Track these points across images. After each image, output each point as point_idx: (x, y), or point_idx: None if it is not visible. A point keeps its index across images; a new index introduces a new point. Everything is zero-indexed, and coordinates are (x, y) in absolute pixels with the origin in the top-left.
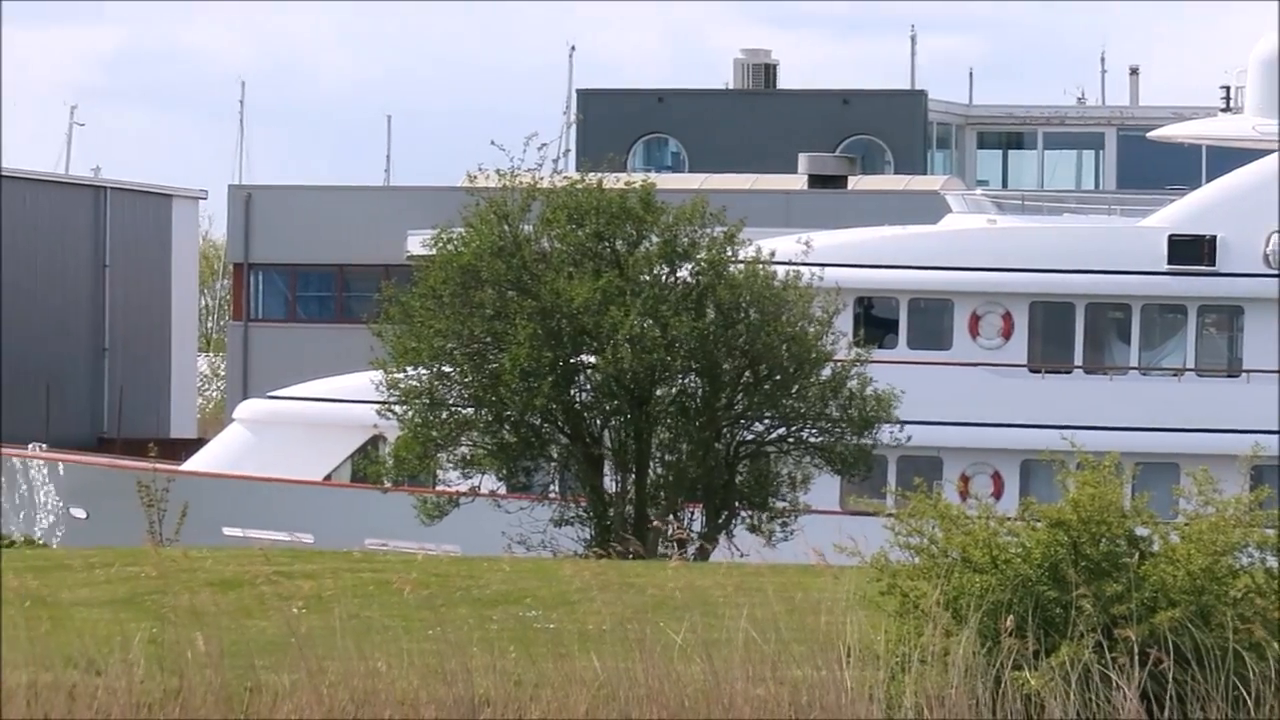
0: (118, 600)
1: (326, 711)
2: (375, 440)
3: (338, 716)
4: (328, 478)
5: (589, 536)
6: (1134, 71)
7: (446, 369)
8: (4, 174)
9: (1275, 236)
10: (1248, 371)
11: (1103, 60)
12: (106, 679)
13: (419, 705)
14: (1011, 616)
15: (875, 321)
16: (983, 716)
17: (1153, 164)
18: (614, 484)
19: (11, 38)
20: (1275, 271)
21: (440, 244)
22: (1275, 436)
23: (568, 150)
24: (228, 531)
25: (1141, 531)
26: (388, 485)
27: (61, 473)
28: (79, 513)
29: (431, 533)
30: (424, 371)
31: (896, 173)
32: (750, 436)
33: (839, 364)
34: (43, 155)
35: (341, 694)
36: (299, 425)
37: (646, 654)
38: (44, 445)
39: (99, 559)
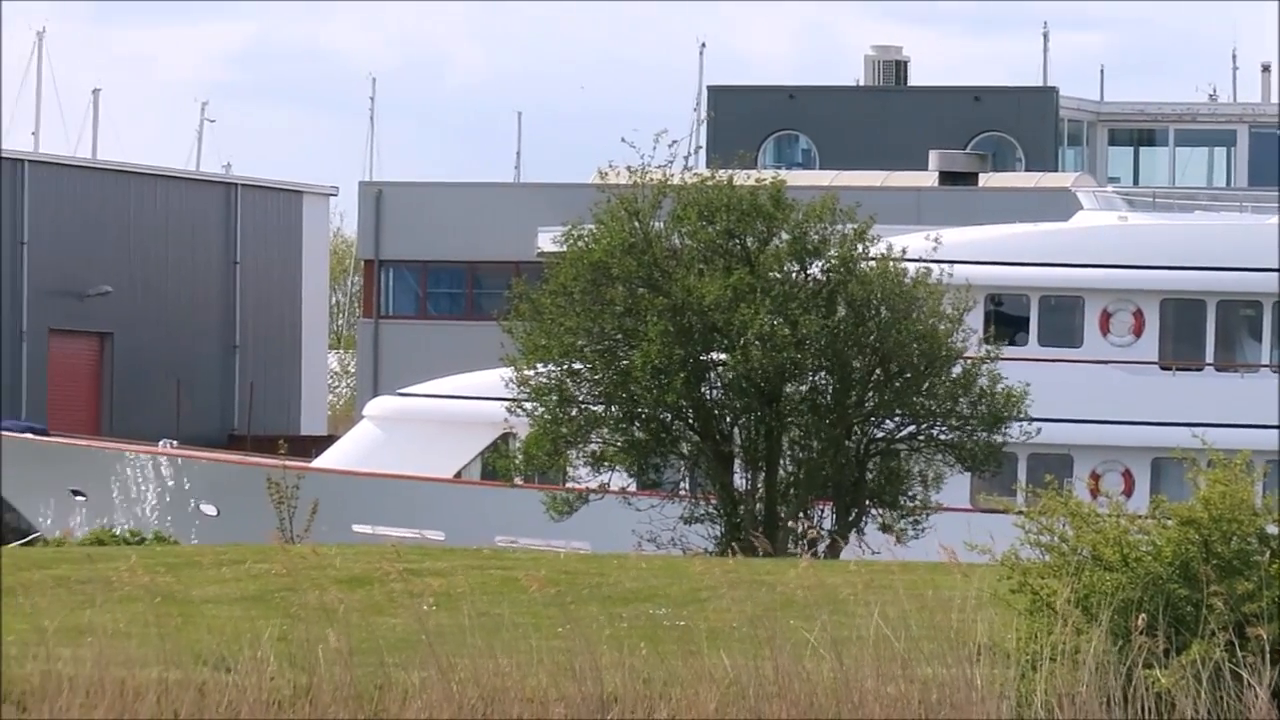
0: (247, 597)
1: (456, 709)
2: (505, 437)
3: (467, 714)
4: (458, 475)
5: (719, 534)
6: (1266, 69)
7: (577, 366)
8: (136, 171)
9: None
10: None
11: (1234, 58)
12: (236, 676)
13: (548, 703)
14: (1142, 615)
15: (1005, 319)
16: (1113, 715)
17: None
18: (744, 481)
19: (142, 35)
20: None
21: (571, 241)
22: None
23: (698, 147)
24: (357, 529)
25: (1273, 530)
26: (518, 482)
27: (193, 469)
28: (209, 509)
29: (561, 530)
30: (554, 368)
31: (1027, 170)
32: (880, 434)
33: (969, 361)
34: (174, 152)
35: (471, 691)
36: (429, 422)
37: (776, 652)
38: (175, 442)
39: (229, 556)
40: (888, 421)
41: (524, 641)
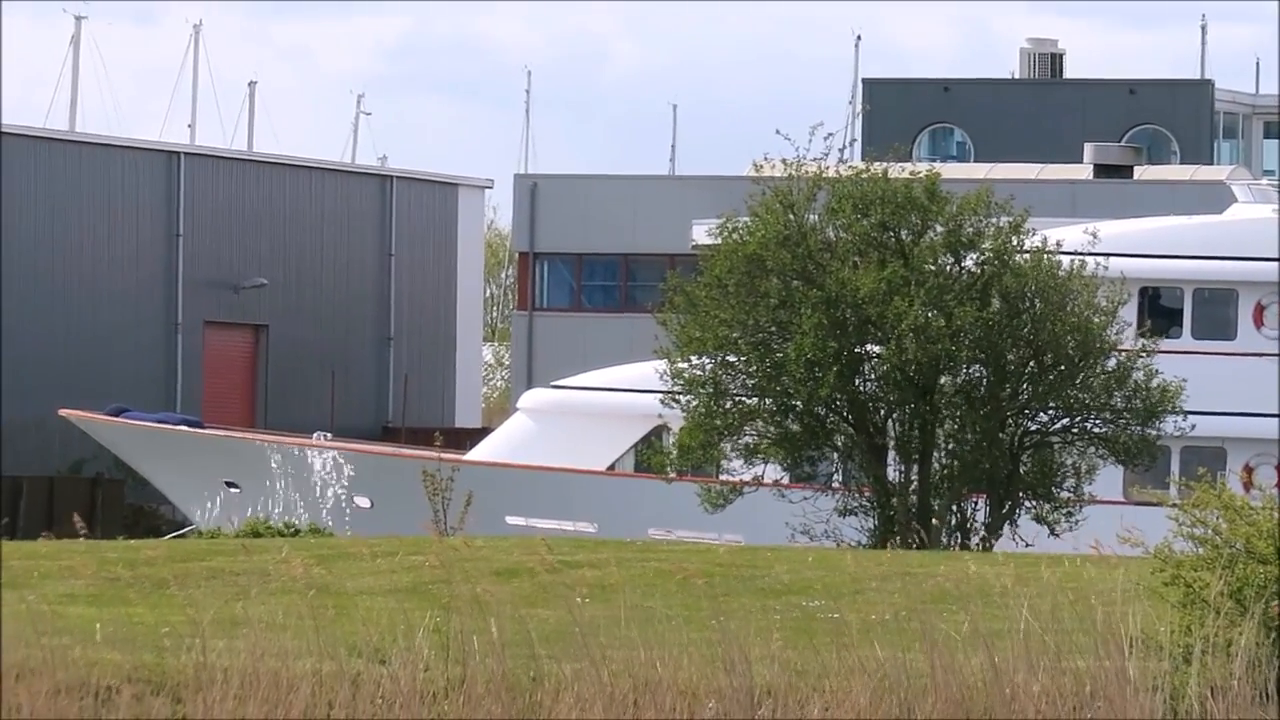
0: (401, 589)
1: (608, 701)
2: (659, 430)
3: (619, 706)
4: (611, 467)
5: (873, 527)
6: None
7: (731, 358)
8: (292, 163)
9: None
10: None
11: None
12: (390, 668)
13: (699, 696)
14: None
15: (1160, 311)
16: (1267, 709)
17: None
18: (898, 474)
19: (299, 28)
20: None
21: (725, 233)
22: None
23: (854, 140)
24: (511, 520)
25: None
26: (672, 475)
27: (347, 462)
28: (364, 502)
29: (714, 522)
30: (708, 361)
31: (1182, 162)
32: (1034, 427)
33: (1124, 354)
34: (330, 145)
35: (623, 683)
36: (583, 415)
37: (928, 645)
38: (329, 435)
39: (383, 548)
40: (1042, 414)
41: (676, 634)
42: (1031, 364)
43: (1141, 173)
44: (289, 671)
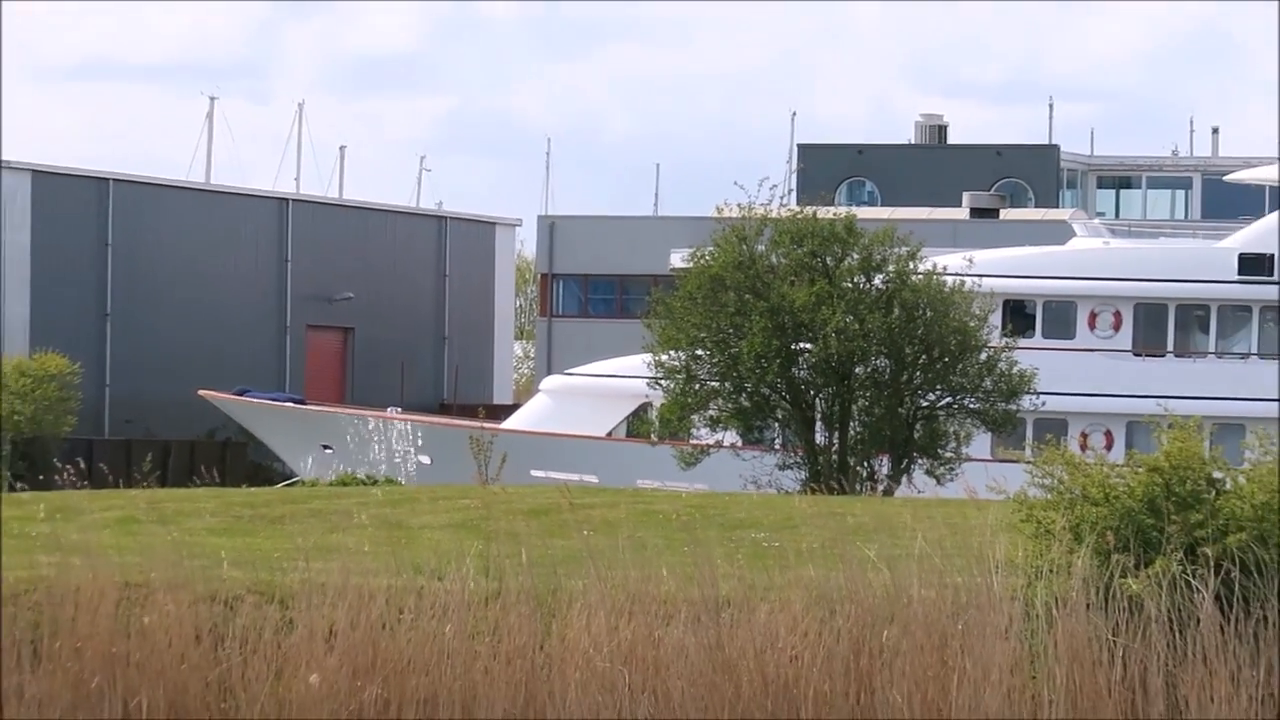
0: (454, 524)
1: (609, 609)
2: (644, 406)
3: (617, 611)
4: (609, 434)
5: (804, 478)
6: (1215, 130)
7: (699, 353)
8: (371, 207)
9: None
10: None
11: (1191, 122)
12: (446, 583)
13: (678, 603)
14: (1118, 538)
15: (1019, 317)
16: (1096, 615)
17: (1228, 200)
18: (823, 439)
19: (376, 104)
20: None
21: (695, 259)
22: None
23: (791, 190)
24: (535, 473)
25: (1217, 475)
26: (655, 440)
27: (412, 430)
28: (425, 459)
29: (687, 475)
30: (682, 354)
31: (1036, 206)
32: (925, 404)
33: (992, 350)
34: (399, 192)
35: (620, 594)
36: (588, 394)
37: (847, 567)
38: (399, 409)
39: (440, 494)
40: (930, 394)
41: (659, 558)
42: (923, 357)
43: (1005, 214)
44: (369, 585)
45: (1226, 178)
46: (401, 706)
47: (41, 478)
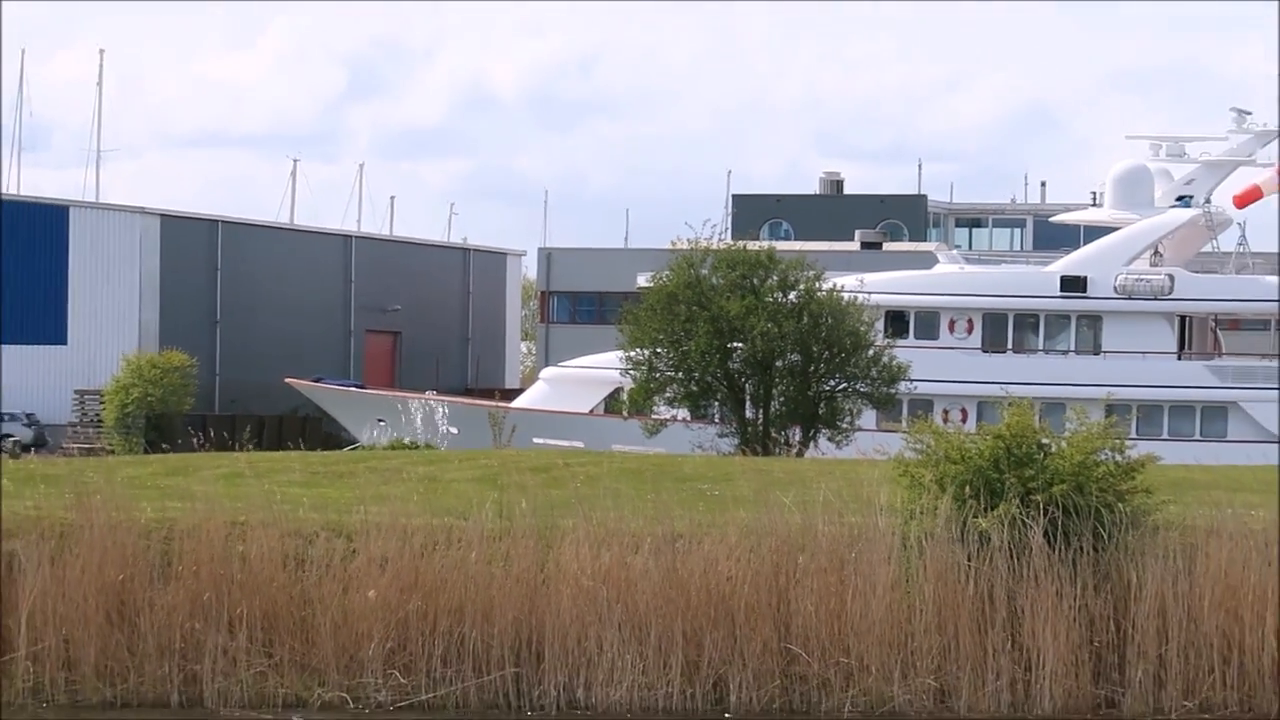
0: (476, 478)
1: (592, 541)
2: (618, 390)
3: (596, 542)
4: (592, 411)
5: (737, 443)
6: (1043, 184)
7: (658, 350)
8: (415, 241)
9: (1119, 277)
10: (1105, 352)
11: (1025, 177)
12: (469, 523)
13: (643, 536)
14: (971, 488)
15: (897, 324)
16: (955, 545)
17: (1052, 236)
18: (751, 414)
19: (417, 166)
20: (1120, 296)
21: (655, 280)
22: (1122, 389)
23: (727, 228)
24: (536, 440)
25: (1044, 441)
26: (625, 415)
27: (445, 408)
28: (454, 430)
29: (650, 442)
30: (645, 351)
31: (909, 241)
32: (827, 388)
33: (877, 348)
34: (435, 230)
35: (600, 530)
36: (575, 381)
37: (769, 509)
38: (435, 391)
39: (465, 456)
40: (831, 381)
41: (630, 503)
42: (826, 353)
43: (887, 247)
44: (411, 524)
45: (1051, 219)
46: (436, 615)
47: (166, 446)
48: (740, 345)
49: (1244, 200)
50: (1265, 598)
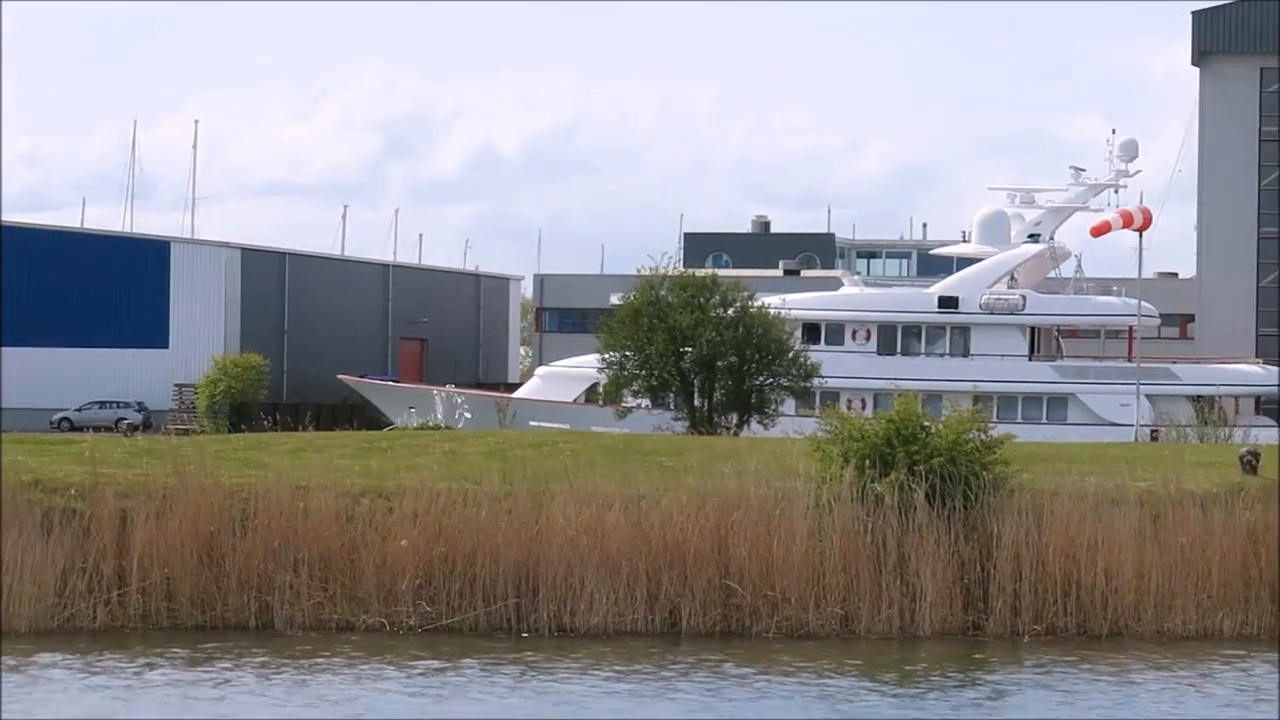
0: (486, 452)
1: (575, 502)
2: (595, 384)
3: (580, 503)
4: (575, 400)
5: (688, 425)
6: (925, 225)
7: (626, 353)
8: (439, 269)
9: (983, 297)
10: (973, 355)
11: (910, 220)
12: (481, 487)
13: (614, 497)
14: (869, 460)
15: (812, 333)
16: (856, 505)
17: (932, 265)
18: (699, 403)
19: (443, 213)
20: (984, 312)
21: (624, 299)
22: (985, 384)
23: (680, 259)
24: (532, 423)
25: (926, 424)
26: (601, 403)
27: (461, 398)
28: (468, 415)
29: (620, 424)
30: (617, 354)
31: (821, 269)
32: (758, 383)
33: (795, 351)
34: (454, 260)
35: (581, 493)
36: (563, 377)
37: (712, 476)
38: (454, 385)
39: (478, 435)
40: (760, 377)
41: (604, 470)
42: (756, 356)
43: (805, 274)
44: (435, 487)
45: (931, 252)
46: (455, 558)
47: (244, 427)
48: (690, 349)
49: (1097, 231)
50: (1097, 544)
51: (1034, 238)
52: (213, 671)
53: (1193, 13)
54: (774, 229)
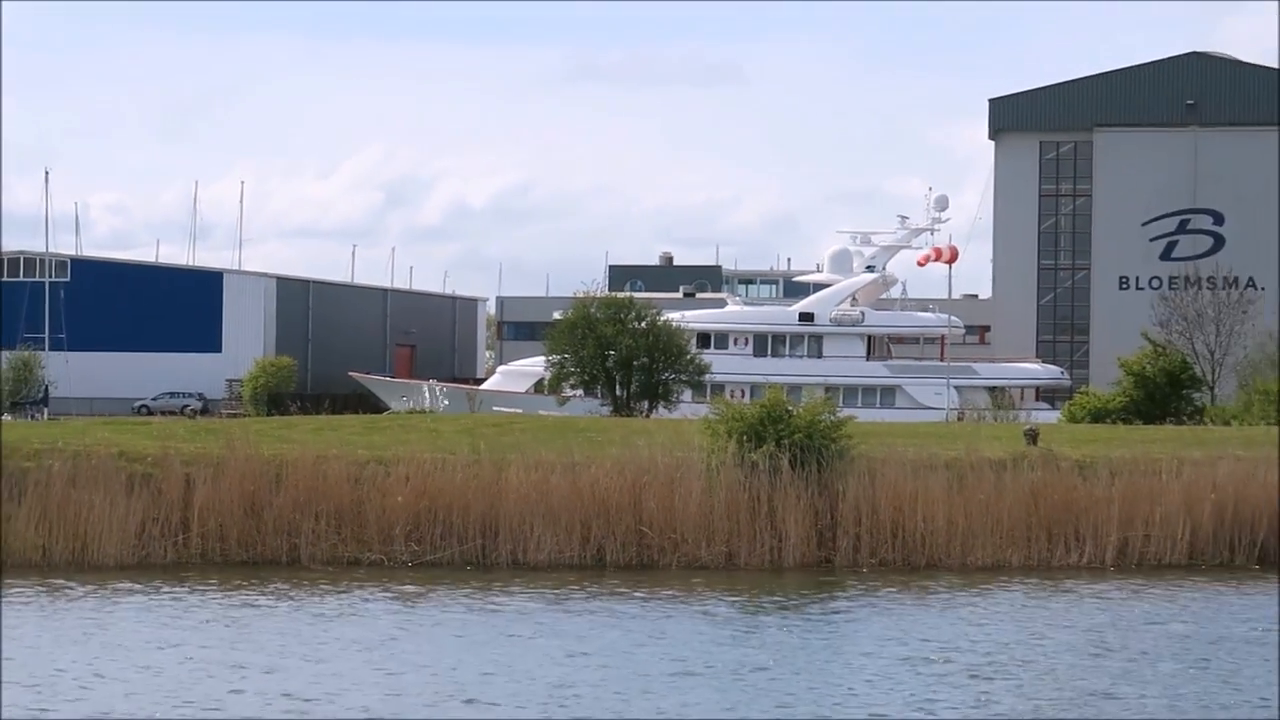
0: (460, 430)
1: (528, 467)
2: (542, 379)
3: (529, 469)
4: (527, 390)
5: (611, 410)
6: (789, 260)
7: (565, 355)
8: (427, 293)
9: (832, 313)
10: (825, 356)
11: (778, 256)
12: (456, 456)
13: (555, 464)
14: (747, 435)
15: (704, 340)
16: (737, 469)
17: (794, 290)
18: (620, 393)
19: (430, 250)
20: (833, 324)
21: (565, 315)
22: (833, 379)
23: (606, 284)
24: (495, 409)
25: (790, 409)
26: (546, 393)
27: (441, 390)
28: (446, 403)
29: (560, 409)
30: (558, 356)
31: (712, 292)
32: (663, 378)
33: (692, 354)
34: (435, 285)
35: (530, 460)
36: (518, 373)
37: (629, 448)
38: (436, 380)
39: (453, 418)
40: (666, 373)
41: (547, 445)
42: (663, 358)
43: (699, 296)
44: (421, 457)
45: (794, 279)
46: (437, 510)
47: (277, 412)
48: (613, 353)
49: (922, 262)
50: (916, 498)
51: (871, 268)
52: (252, 593)
53: (989, 100)
54: (676, 262)
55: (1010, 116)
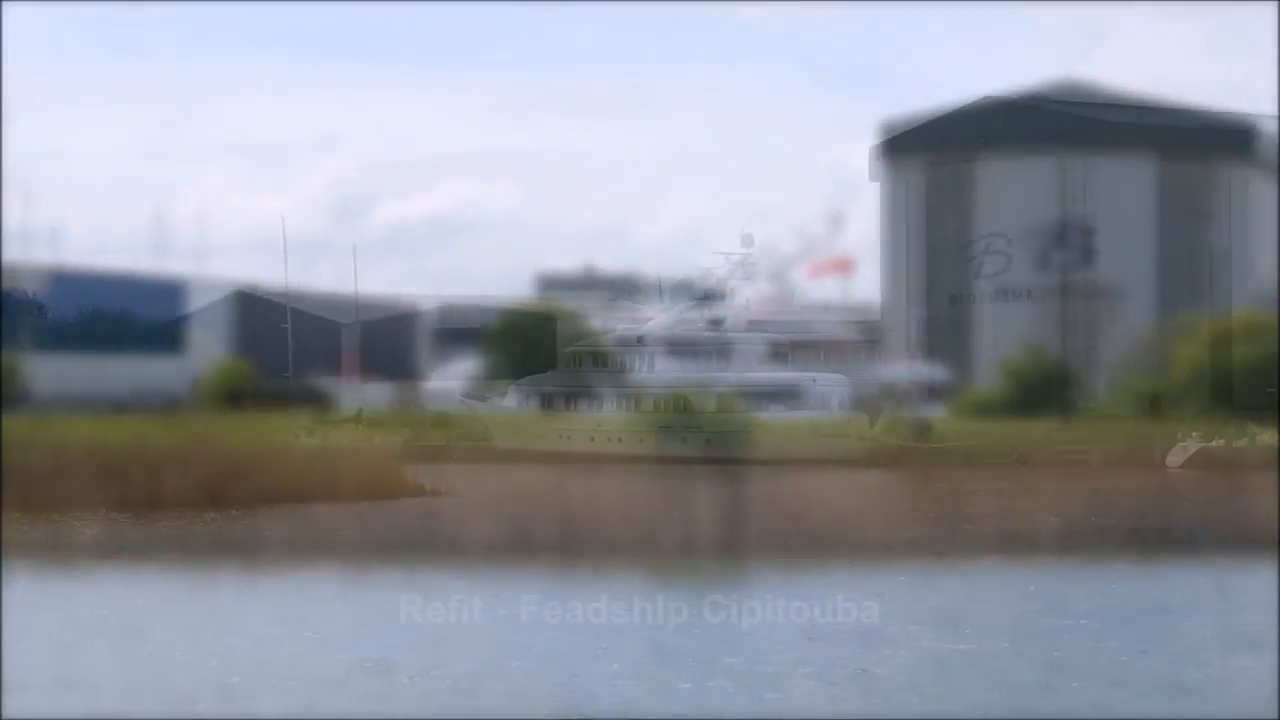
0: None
1: (494, 454)
2: (479, 378)
3: (497, 452)
4: (465, 391)
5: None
6: (701, 271)
7: (499, 358)
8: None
9: (739, 318)
10: (736, 360)
11: (691, 267)
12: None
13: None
14: (672, 426)
15: (623, 344)
16: (669, 443)
17: (710, 298)
18: (548, 392)
19: (402, 263)
20: (740, 330)
21: (499, 321)
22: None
23: (534, 293)
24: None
25: (701, 407)
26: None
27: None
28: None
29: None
30: (491, 358)
31: (632, 300)
32: (587, 380)
33: (613, 357)
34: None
35: (497, 450)
36: (458, 374)
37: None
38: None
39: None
40: (590, 375)
41: (519, 436)
42: (587, 361)
43: (619, 305)
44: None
45: (705, 288)
46: None
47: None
48: (540, 356)
49: (818, 273)
50: (816, 485)
51: (773, 279)
52: None
53: (881, 126)
54: (599, 272)
55: (900, 140)
